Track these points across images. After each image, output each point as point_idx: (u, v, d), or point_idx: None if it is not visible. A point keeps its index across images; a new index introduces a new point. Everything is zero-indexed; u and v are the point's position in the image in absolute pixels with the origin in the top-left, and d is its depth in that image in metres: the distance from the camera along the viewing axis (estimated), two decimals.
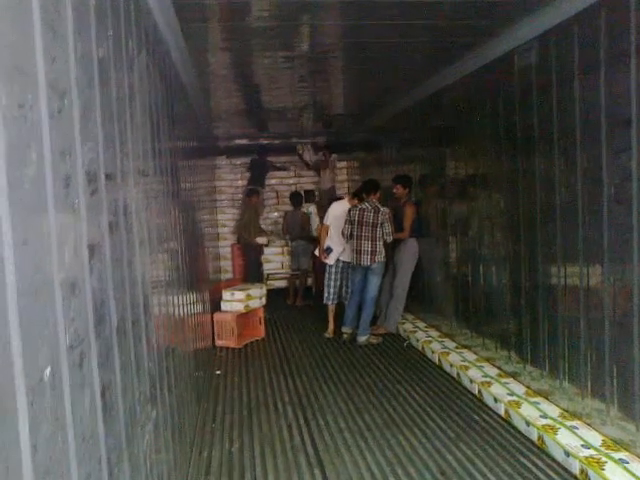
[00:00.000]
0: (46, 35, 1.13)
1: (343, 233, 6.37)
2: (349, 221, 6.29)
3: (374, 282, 6.25)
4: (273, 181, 10.68)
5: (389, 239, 6.19)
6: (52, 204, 1.13)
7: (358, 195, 6.59)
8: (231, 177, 10.49)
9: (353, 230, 6.24)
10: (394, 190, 6.67)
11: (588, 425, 3.54)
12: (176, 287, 3.34)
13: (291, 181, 10.74)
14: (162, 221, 2.89)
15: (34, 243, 1.03)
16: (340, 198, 7.56)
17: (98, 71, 1.58)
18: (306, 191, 9.68)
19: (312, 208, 9.10)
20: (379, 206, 6.20)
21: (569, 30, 3.63)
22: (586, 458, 3.14)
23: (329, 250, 6.67)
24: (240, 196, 10.20)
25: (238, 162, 10.44)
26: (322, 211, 8.51)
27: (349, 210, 6.35)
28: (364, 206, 6.22)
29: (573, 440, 3.36)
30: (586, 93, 3.52)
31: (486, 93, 4.92)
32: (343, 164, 10.83)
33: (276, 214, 10.35)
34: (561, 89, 3.79)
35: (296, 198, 8.95)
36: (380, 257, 6.18)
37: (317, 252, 7.08)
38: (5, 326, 0.89)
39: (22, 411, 0.93)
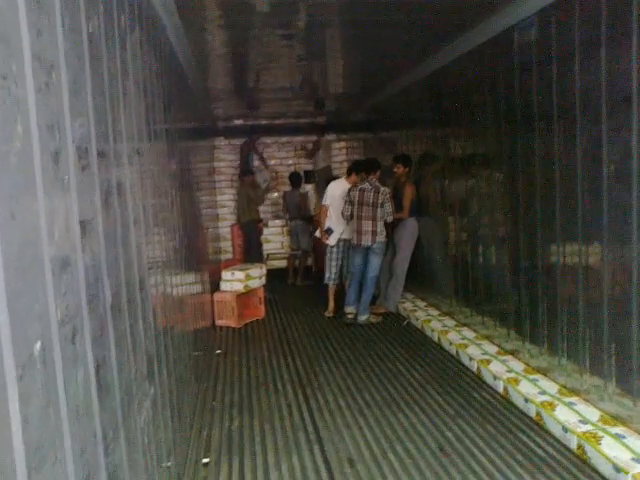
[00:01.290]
0: (31, 6, 1.11)
1: (343, 214, 6.33)
2: (349, 201, 6.25)
3: (375, 262, 6.24)
4: (272, 162, 10.68)
5: (390, 219, 6.17)
6: (40, 179, 1.11)
7: (356, 170, 6.52)
8: (230, 158, 10.45)
9: (353, 210, 6.20)
10: (395, 169, 6.64)
11: (586, 401, 3.56)
12: (174, 267, 3.34)
13: (290, 162, 10.73)
14: (158, 201, 2.88)
15: (22, 217, 1.02)
16: (336, 177, 7.52)
17: (88, 46, 1.56)
18: (306, 172, 9.68)
19: (309, 188, 9.12)
20: (379, 186, 6.17)
21: (570, 5, 3.57)
22: (583, 433, 3.16)
23: (330, 231, 6.64)
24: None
25: (237, 143, 10.41)
26: (319, 190, 8.51)
27: (349, 190, 6.30)
28: (364, 186, 6.19)
29: (571, 416, 3.38)
30: (586, 70, 3.48)
31: (485, 71, 4.87)
32: (342, 144, 10.78)
33: (276, 194, 10.35)
34: (561, 66, 3.74)
35: (294, 178, 8.93)
36: (381, 237, 6.17)
37: (318, 234, 7.04)
38: None
39: (11, 385, 0.92)
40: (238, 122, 10.27)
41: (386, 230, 6.25)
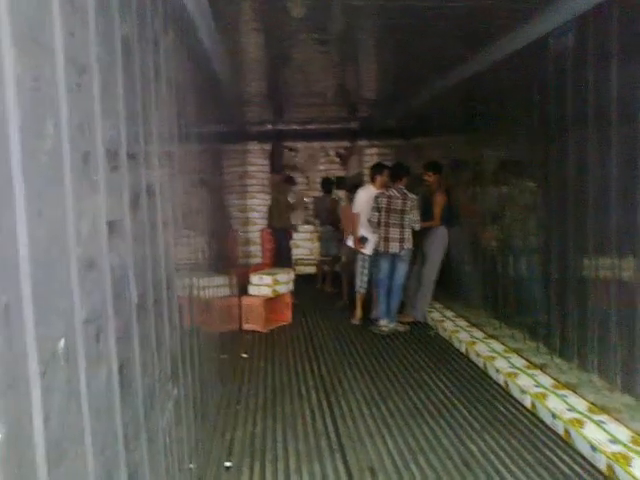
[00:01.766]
0: (64, 9, 1.12)
1: (370, 220, 6.28)
2: (376, 208, 6.19)
3: (402, 269, 6.18)
4: (302, 162, 10.77)
5: (417, 227, 6.10)
6: (69, 178, 1.13)
7: (378, 172, 6.46)
8: (262, 162, 10.51)
9: (381, 217, 6.15)
10: (425, 177, 6.57)
11: (616, 420, 3.46)
12: (202, 269, 3.36)
13: (322, 167, 10.75)
14: (188, 203, 2.91)
15: (49, 215, 1.03)
16: (362, 184, 7.46)
17: (121, 49, 1.58)
18: (338, 177, 9.69)
19: (341, 194, 9.09)
20: (407, 193, 6.10)
21: (608, 11, 3.50)
22: (613, 453, 3.07)
23: (364, 239, 6.56)
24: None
25: (268, 148, 10.47)
26: (350, 196, 8.50)
27: (376, 197, 6.25)
28: (391, 193, 6.13)
29: (600, 435, 3.29)
30: (623, 76, 3.40)
31: (520, 78, 4.81)
32: (374, 150, 10.76)
33: (305, 199, 10.37)
34: (597, 72, 3.67)
35: (326, 184, 8.93)
36: (408, 244, 6.11)
37: (350, 242, 6.94)
38: (17, 295, 0.90)
39: (34, 380, 0.94)
40: (270, 126, 10.33)
41: (413, 238, 6.17)
